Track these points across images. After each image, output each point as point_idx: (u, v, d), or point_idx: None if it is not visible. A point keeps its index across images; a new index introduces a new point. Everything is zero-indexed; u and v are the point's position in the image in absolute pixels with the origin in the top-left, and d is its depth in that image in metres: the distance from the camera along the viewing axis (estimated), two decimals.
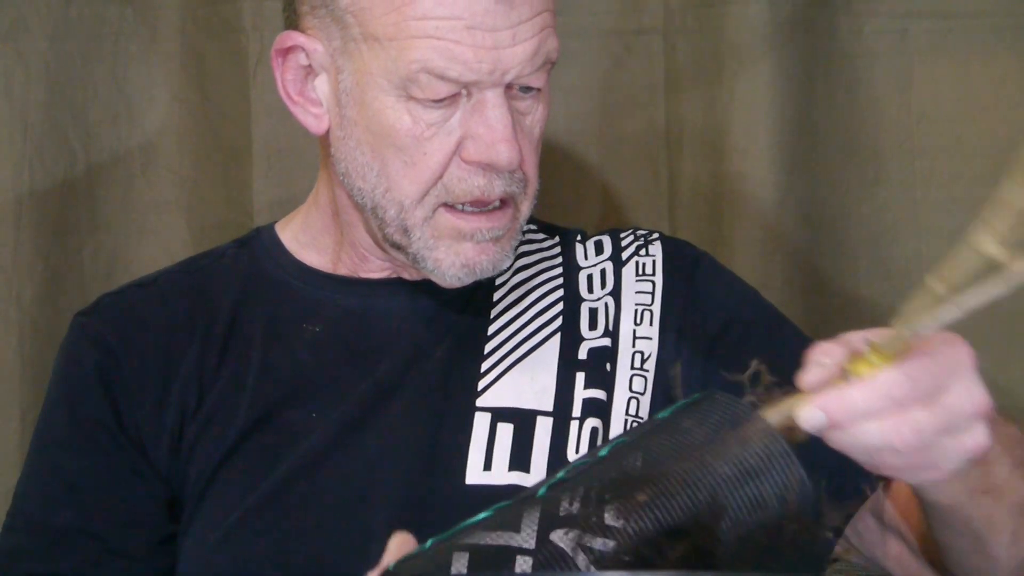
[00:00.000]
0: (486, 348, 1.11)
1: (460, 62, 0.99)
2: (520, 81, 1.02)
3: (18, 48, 1.48)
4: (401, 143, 1.03)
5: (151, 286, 1.17)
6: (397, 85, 1.01)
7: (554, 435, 1.07)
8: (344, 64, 1.04)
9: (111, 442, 1.08)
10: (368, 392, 1.09)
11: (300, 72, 1.08)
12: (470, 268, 1.06)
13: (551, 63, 1.04)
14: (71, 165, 1.50)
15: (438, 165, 1.03)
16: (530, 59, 1.01)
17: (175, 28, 1.51)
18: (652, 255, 1.17)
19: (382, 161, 1.04)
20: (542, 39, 1.02)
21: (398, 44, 1.00)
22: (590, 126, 1.54)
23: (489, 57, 0.99)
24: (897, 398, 0.75)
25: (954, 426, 0.77)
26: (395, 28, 1.00)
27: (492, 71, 1.00)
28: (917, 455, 0.77)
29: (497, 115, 1.01)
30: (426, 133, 1.03)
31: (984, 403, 0.78)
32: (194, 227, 1.53)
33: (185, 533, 1.07)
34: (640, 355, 1.12)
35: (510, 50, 1.00)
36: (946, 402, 0.76)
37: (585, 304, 1.15)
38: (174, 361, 1.11)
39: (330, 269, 1.15)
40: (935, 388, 0.76)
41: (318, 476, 1.06)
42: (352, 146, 1.06)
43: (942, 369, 0.77)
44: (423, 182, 1.04)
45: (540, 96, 1.06)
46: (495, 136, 1.02)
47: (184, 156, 1.53)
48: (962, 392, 0.77)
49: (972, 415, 0.77)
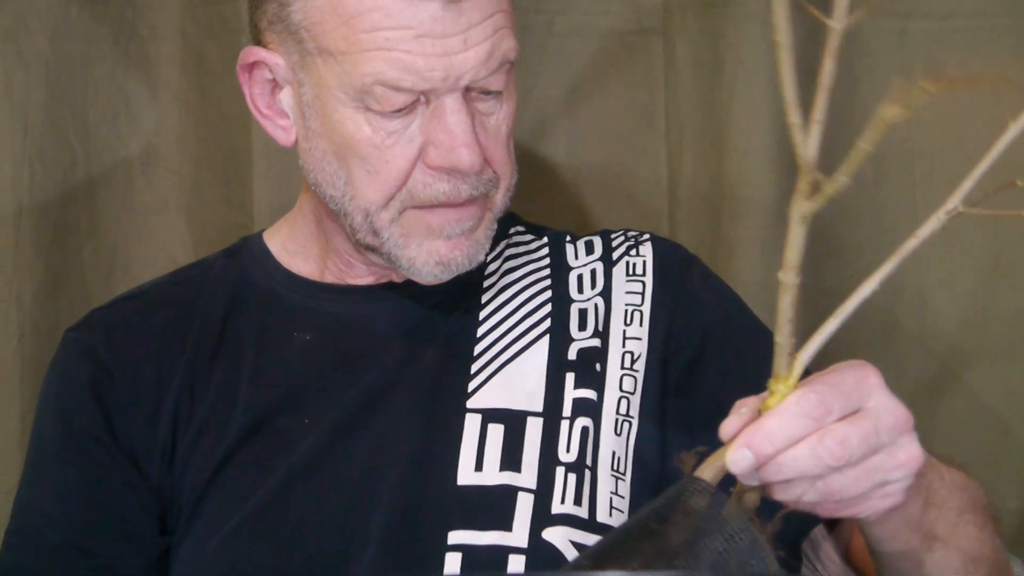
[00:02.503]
0: (475, 350, 1.12)
1: (412, 72, 0.99)
2: (477, 85, 1.02)
3: (18, 48, 1.48)
4: (363, 153, 1.03)
5: (141, 298, 1.18)
6: (354, 97, 1.02)
7: (545, 435, 1.08)
8: (304, 78, 1.05)
9: (105, 455, 1.09)
10: (359, 397, 1.10)
11: (266, 86, 1.09)
12: (445, 265, 1.07)
13: (509, 63, 1.04)
14: (71, 165, 1.51)
15: (401, 172, 1.04)
16: (484, 62, 1.01)
17: (175, 28, 1.52)
18: (643, 255, 1.17)
19: (347, 170, 1.05)
20: (496, 42, 1.01)
21: (350, 58, 1.00)
22: (589, 126, 1.54)
23: (441, 64, 0.99)
24: (812, 415, 0.77)
25: (880, 441, 0.78)
26: (346, 42, 1.00)
27: (445, 78, 1.00)
28: (856, 480, 0.77)
29: (456, 120, 1.01)
30: (387, 142, 1.03)
31: (905, 416, 0.79)
32: (194, 227, 1.53)
33: (181, 543, 1.08)
34: (630, 355, 1.12)
35: (462, 55, 1.00)
36: (866, 414, 0.78)
37: (575, 305, 1.15)
38: (166, 373, 1.11)
39: (318, 277, 1.16)
40: (848, 402, 0.78)
41: (312, 482, 1.06)
42: (319, 156, 1.07)
43: (851, 385, 0.79)
44: (387, 189, 1.04)
45: (504, 95, 1.06)
46: (455, 141, 1.01)
47: (184, 156, 1.53)
48: (879, 405, 0.79)
49: (895, 428, 0.79)
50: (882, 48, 1.49)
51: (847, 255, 1.51)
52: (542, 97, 1.53)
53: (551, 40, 1.53)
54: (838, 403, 0.78)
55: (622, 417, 1.10)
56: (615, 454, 1.09)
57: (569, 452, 1.07)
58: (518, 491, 1.05)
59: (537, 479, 1.06)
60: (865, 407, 0.78)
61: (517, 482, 1.05)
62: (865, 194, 1.50)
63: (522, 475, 1.05)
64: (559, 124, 1.54)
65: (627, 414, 1.10)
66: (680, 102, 1.52)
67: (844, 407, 0.78)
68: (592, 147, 1.54)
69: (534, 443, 1.07)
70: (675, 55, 1.51)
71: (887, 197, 1.50)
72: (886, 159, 1.50)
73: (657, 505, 0.77)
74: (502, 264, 1.18)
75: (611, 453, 1.09)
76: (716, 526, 0.75)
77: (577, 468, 1.07)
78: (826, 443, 0.76)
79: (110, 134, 1.52)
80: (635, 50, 1.52)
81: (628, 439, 1.10)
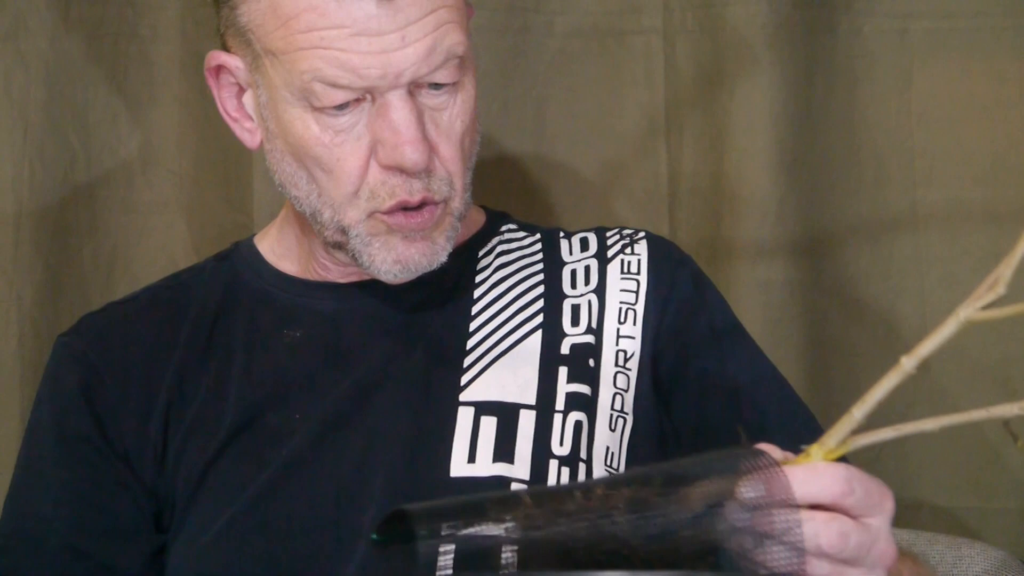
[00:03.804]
0: (468, 344, 1.12)
1: (348, 69, 0.99)
2: (422, 80, 1.02)
3: (18, 48, 1.48)
4: (315, 153, 1.04)
5: (132, 303, 1.18)
6: (299, 96, 1.02)
7: (538, 427, 1.08)
8: (258, 79, 1.06)
9: (98, 457, 1.09)
10: (350, 392, 1.10)
11: (232, 89, 1.10)
12: (403, 264, 1.07)
13: (458, 57, 1.03)
14: (71, 165, 1.51)
15: (355, 170, 1.04)
16: (425, 59, 1.00)
17: (175, 28, 1.52)
18: (638, 254, 1.17)
19: (306, 170, 1.06)
20: (438, 37, 1.01)
21: (290, 57, 1.00)
22: (590, 126, 1.54)
23: (377, 62, 0.99)
24: (837, 485, 0.75)
25: (866, 558, 0.76)
26: (284, 42, 1.01)
27: (383, 75, 1.00)
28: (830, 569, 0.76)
29: (400, 117, 1.01)
30: (336, 140, 1.03)
31: (893, 554, 0.78)
32: (194, 227, 1.53)
33: (174, 539, 1.08)
34: (623, 353, 1.13)
35: (400, 52, 0.99)
36: (868, 528, 0.76)
37: (568, 300, 1.15)
38: (157, 374, 1.12)
39: (305, 276, 1.16)
40: (865, 503, 0.76)
41: (304, 477, 1.07)
42: (279, 158, 1.08)
43: (875, 492, 0.77)
44: (346, 187, 1.04)
45: (457, 89, 1.05)
46: (399, 139, 1.01)
47: (184, 156, 1.53)
48: (881, 527, 0.77)
49: (882, 556, 0.77)
50: (882, 48, 1.49)
51: (847, 255, 1.51)
52: (542, 97, 1.53)
53: (551, 40, 1.53)
54: (859, 495, 0.76)
55: (616, 412, 1.10)
56: (609, 449, 1.09)
57: (562, 446, 1.07)
58: (511, 483, 1.05)
59: (530, 471, 1.06)
60: (870, 521, 0.77)
61: (510, 474, 1.05)
62: (865, 194, 1.51)
63: (515, 467, 1.06)
64: (559, 124, 1.54)
65: (621, 410, 1.11)
66: (680, 102, 1.52)
67: (859, 505, 0.76)
68: (592, 147, 1.54)
69: (527, 435, 1.07)
70: (675, 55, 1.51)
71: (887, 197, 1.50)
72: (886, 159, 1.50)
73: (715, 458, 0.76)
74: (494, 259, 1.18)
75: (605, 448, 1.09)
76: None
77: (571, 462, 1.07)
78: (832, 527, 0.74)
79: (110, 134, 1.52)
80: (635, 50, 1.52)
81: (623, 435, 1.10)
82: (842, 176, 1.51)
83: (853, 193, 1.51)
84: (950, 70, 1.49)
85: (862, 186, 1.51)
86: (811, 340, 1.50)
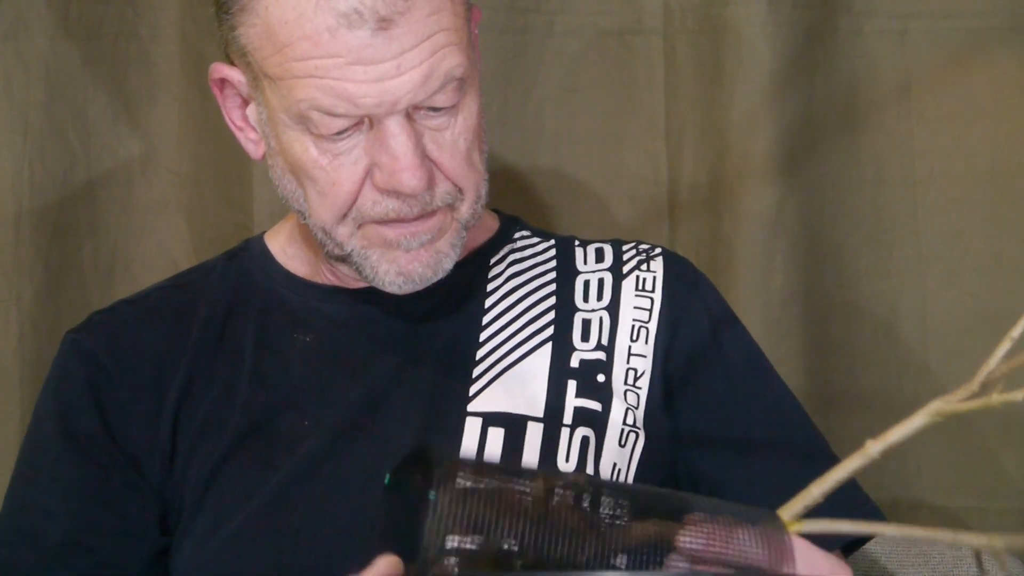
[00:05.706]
0: (477, 354, 1.12)
1: (344, 99, 0.99)
2: (420, 105, 1.01)
3: (18, 48, 1.48)
4: (312, 174, 1.04)
5: (141, 302, 1.18)
6: (296, 121, 1.02)
7: (545, 440, 1.08)
8: (258, 96, 1.06)
9: (104, 456, 1.09)
10: (359, 399, 1.10)
11: (237, 100, 1.10)
12: (406, 277, 1.06)
13: (456, 79, 1.02)
14: (71, 165, 1.51)
15: (348, 194, 1.04)
16: (421, 85, 0.99)
17: (175, 28, 1.51)
18: (653, 271, 1.17)
19: (303, 189, 1.06)
20: (435, 63, 1.00)
21: (286, 84, 1.00)
22: (589, 126, 1.54)
23: (373, 91, 0.98)
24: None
25: None
26: (280, 69, 1.00)
27: (379, 103, 0.99)
28: None
29: (397, 143, 1.01)
30: (333, 163, 1.03)
31: None
32: (194, 227, 1.53)
33: (181, 542, 1.08)
34: (634, 372, 1.13)
35: (395, 80, 0.98)
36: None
37: (579, 314, 1.15)
38: (166, 374, 1.11)
39: (315, 279, 1.16)
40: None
41: (313, 483, 1.06)
42: (280, 173, 1.08)
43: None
44: (336, 209, 1.04)
45: (458, 109, 1.04)
46: (397, 165, 1.01)
47: (184, 156, 1.53)
48: None
49: None
50: (882, 48, 1.49)
51: (847, 255, 1.51)
52: (542, 97, 1.53)
53: (551, 40, 1.53)
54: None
55: (628, 428, 1.10)
56: (616, 465, 1.09)
57: (568, 462, 1.07)
58: None
59: None
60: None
61: None
62: (865, 194, 1.50)
63: None
64: (560, 124, 1.54)
65: (634, 425, 1.10)
66: (680, 102, 1.52)
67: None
68: (592, 147, 1.54)
69: (534, 447, 1.07)
70: (675, 55, 1.51)
71: (887, 197, 1.50)
72: (886, 159, 1.50)
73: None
74: (506, 268, 1.17)
75: (612, 464, 1.09)
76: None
77: None
78: None
79: (110, 134, 1.52)
80: (635, 50, 1.52)
81: (632, 452, 1.10)
82: (842, 176, 1.51)
83: (853, 193, 1.51)
84: (950, 70, 1.49)
85: (862, 186, 1.51)
86: (811, 340, 1.50)
